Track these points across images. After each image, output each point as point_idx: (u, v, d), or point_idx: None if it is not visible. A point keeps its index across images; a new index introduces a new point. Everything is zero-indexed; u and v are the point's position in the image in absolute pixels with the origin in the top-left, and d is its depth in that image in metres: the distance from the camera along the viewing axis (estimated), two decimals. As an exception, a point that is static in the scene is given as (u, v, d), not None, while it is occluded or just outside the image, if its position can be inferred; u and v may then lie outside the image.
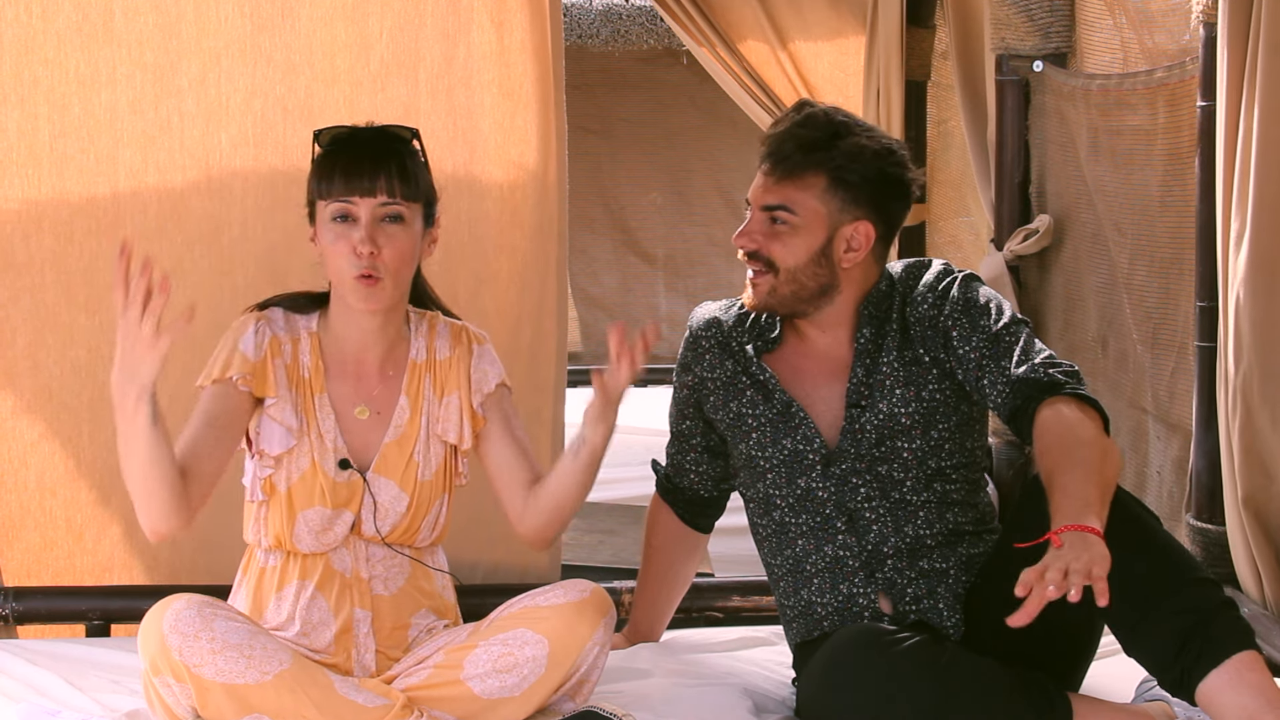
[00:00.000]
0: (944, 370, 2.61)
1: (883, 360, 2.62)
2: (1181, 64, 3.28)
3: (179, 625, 2.38)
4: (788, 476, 2.66)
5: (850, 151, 2.58)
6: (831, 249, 2.60)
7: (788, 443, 2.65)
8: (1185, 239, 3.22)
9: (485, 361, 2.72)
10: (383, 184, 2.56)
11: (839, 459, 2.62)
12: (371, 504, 2.63)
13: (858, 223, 2.60)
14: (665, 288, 8.36)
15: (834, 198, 2.58)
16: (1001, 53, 4.09)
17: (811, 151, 2.58)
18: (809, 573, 2.66)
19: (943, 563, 2.61)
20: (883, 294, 2.66)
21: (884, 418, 2.60)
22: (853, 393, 2.63)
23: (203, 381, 2.61)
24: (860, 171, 2.58)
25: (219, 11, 3.11)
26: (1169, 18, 3.45)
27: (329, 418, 2.63)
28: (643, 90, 8.10)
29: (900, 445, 2.61)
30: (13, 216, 3.13)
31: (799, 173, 2.59)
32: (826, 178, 2.58)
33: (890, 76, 5.43)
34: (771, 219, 2.60)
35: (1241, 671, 2.29)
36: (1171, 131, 3.34)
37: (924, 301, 2.63)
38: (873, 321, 2.64)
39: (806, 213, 2.59)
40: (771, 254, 2.60)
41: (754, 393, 2.69)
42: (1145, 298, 3.50)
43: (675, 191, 8.30)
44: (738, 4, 5.45)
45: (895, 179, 2.62)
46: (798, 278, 2.60)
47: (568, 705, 2.55)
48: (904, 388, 2.61)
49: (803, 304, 2.64)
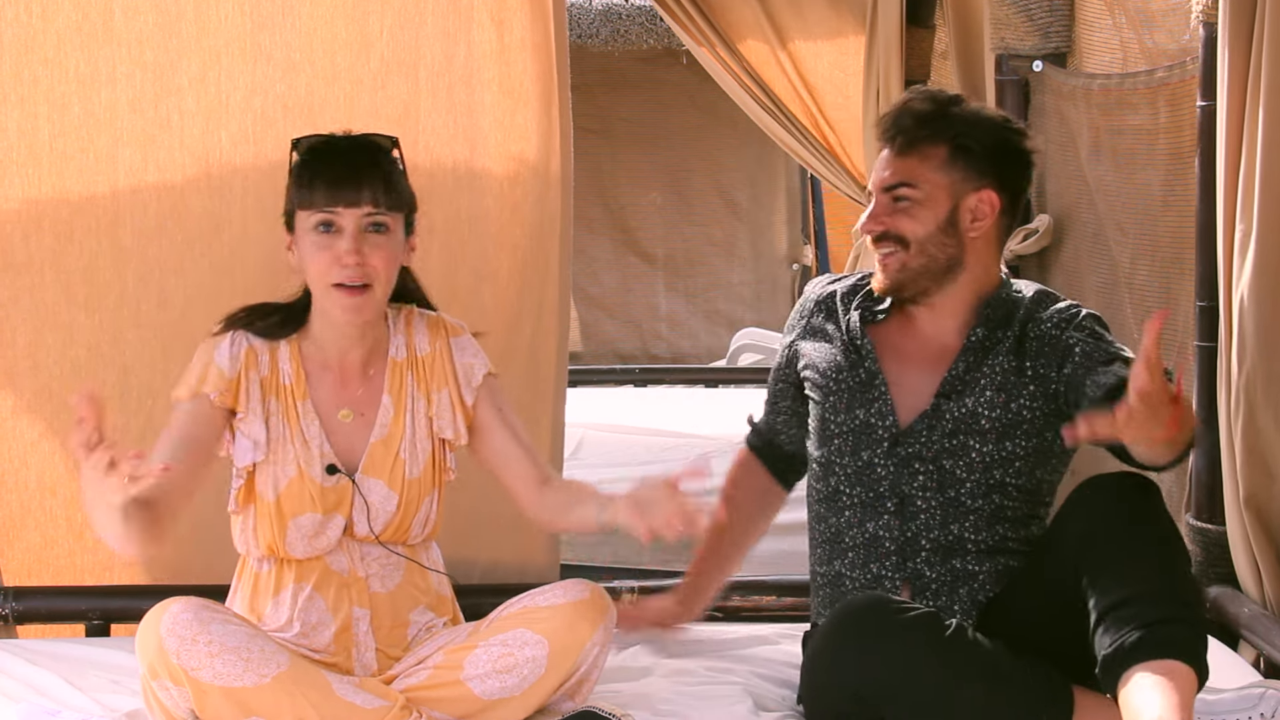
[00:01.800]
0: (1044, 391, 2.58)
1: (988, 362, 2.61)
2: (1182, 64, 3.28)
3: (176, 629, 2.37)
4: (853, 446, 2.66)
5: (968, 118, 2.59)
6: (958, 218, 2.59)
7: (860, 413, 2.65)
8: (1186, 239, 3.22)
9: (467, 354, 2.72)
10: (368, 194, 2.55)
11: (907, 441, 2.61)
12: (363, 505, 2.63)
13: (982, 190, 2.59)
14: (665, 288, 8.36)
15: (956, 167, 2.59)
16: (1001, 53, 4.09)
17: (929, 122, 2.59)
18: (846, 545, 2.67)
19: (975, 566, 2.60)
20: (1006, 301, 2.65)
21: (965, 412, 2.59)
22: (947, 384, 2.61)
23: (180, 394, 2.61)
24: (980, 138, 2.59)
25: (219, 10, 3.11)
26: (1169, 17, 3.45)
27: (314, 423, 2.63)
28: (643, 90, 8.10)
29: (971, 444, 2.59)
30: (12, 216, 3.12)
31: (919, 145, 2.59)
32: (947, 147, 2.58)
33: (890, 76, 5.42)
34: (894, 199, 2.60)
35: (1169, 673, 2.27)
36: (1172, 131, 3.34)
37: (1049, 322, 2.61)
38: (990, 323, 2.63)
39: (929, 184, 2.59)
40: (900, 229, 2.60)
41: (844, 356, 2.69)
42: (1146, 298, 3.50)
43: (675, 191, 8.30)
44: (738, 4, 5.45)
45: (1016, 147, 2.63)
46: (927, 249, 2.59)
47: (567, 705, 2.55)
48: (995, 391, 2.59)
49: (931, 279, 2.62)
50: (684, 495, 2.40)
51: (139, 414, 3.16)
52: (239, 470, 2.62)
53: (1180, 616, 2.33)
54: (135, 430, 3.17)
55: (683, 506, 2.39)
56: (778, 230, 8.55)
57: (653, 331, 8.37)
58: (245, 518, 2.65)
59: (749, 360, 7.40)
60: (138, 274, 3.15)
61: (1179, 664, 2.28)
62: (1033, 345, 2.60)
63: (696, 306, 8.38)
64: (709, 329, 8.35)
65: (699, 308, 8.38)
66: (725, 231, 8.43)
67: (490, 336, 3.19)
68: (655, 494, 2.42)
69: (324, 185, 2.55)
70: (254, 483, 2.63)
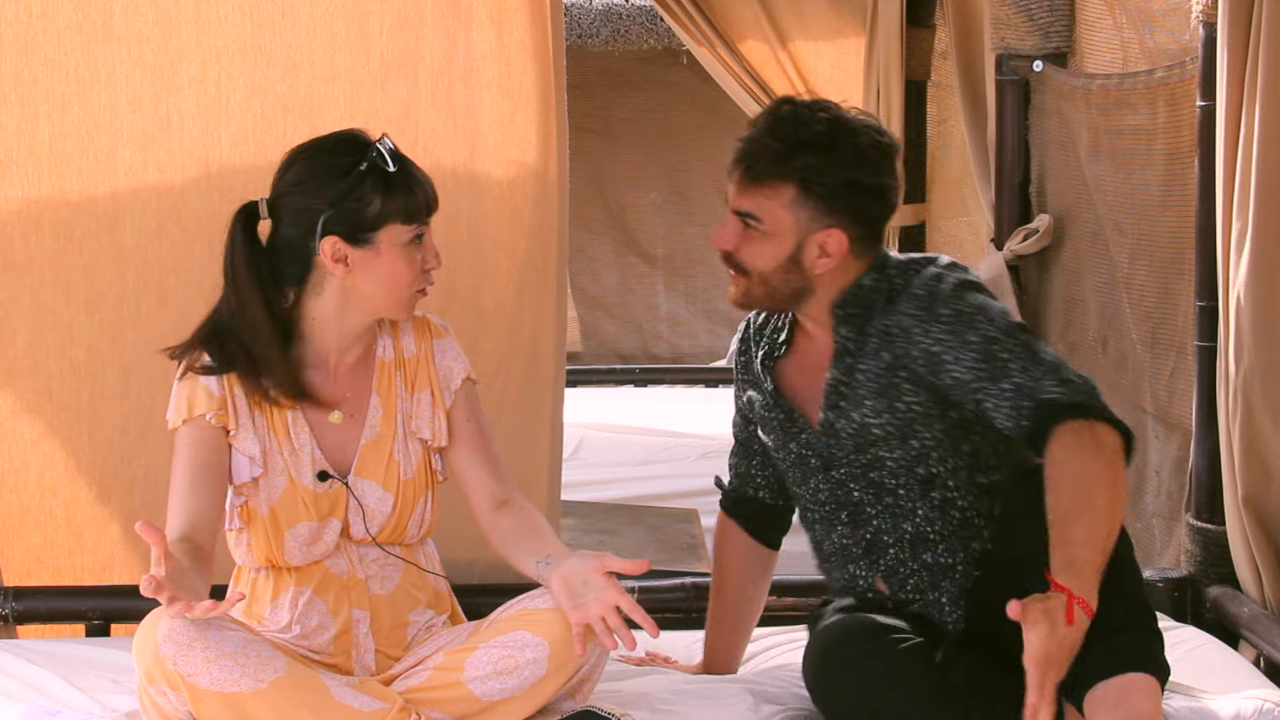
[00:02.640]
0: (923, 383, 2.53)
1: (861, 366, 2.57)
2: (1182, 64, 3.28)
3: (173, 635, 2.36)
4: (801, 476, 2.69)
5: (816, 164, 2.51)
6: (802, 255, 2.55)
7: (793, 447, 2.68)
8: (1185, 239, 3.22)
9: (449, 357, 2.72)
10: (436, 201, 2.60)
11: (836, 464, 2.63)
12: (359, 508, 2.63)
13: (829, 230, 2.54)
14: (665, 287, 8.36)
15: (803, 207, 2.53)
16: (1001, 52, 4.09)
17: (777, 163, 2.52)
18: (825, 552, 2.72)
19: (949, 558, 2.59)
20: (865, 290, 2.58)
21: (857, 427, 2.58)
22: (829, 393, 2.60)
23: (174, 423, 2.59)
24: (829, 178, 2.51)
25: (219, 10, 3.11)
26: (1169, 17, 3.45)
27: (303, 431, 2.62)
28: (643, 90, 8.10)
29: (882, 455, 2.59)
30: (12, 216, 3.12)
31: (766, 181, 2.53)
32: (795, 187, 2.52)
33: (890, 76, 5.43)
34: (744, 223, 2.57)
35: (1129, 691, 2.26)
36: (1171, 131, 3.34)
37: (907, 312, 2.53)
38: (851, 321, 2.58)
39: (774, 221, 2.54)
40: (742, 258, 2.58)
41: (763, 398, 2.71)
42: (1145, 297, 3.50)
43: (675, 191, 8.30)
44: (738, 4, 5.46)
45: (868, 187, 2.55)
46: (769, 281, 2.57)
47: (568, 704, 2.55)
48: (876, 398, 2.55)
49: (780, 304, 2.62)
50: (618, 589, 2.39)
51: (139, 414, 3.16)
52: (238, 488, 2.61)
53: (1129, 623, 2.31)
54: (135, 430, 3.17)
55: (614, 603, 2.37)
56: (777, 230, 8.54)
57: (653, 331, 8.37)
58: (241, 533, 2.65)
59: (749, 360, 7.39)
60: (138, 274, 3.15)
61: (1139, 675, 2.27)
62: (900, 341, 2.53)
63: (696, 306, 8.38)
64: (709, 329, 8.35)
65: (699, 308, 8.38)
66: (725, 231, 8.42)
67: (490, 337, 3.21)
68: (589, 579, 2.41)
69: (423, 195, 2.56)
70: (248, 498, 2.63)
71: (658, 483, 4.90)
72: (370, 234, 2.54)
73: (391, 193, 2.53)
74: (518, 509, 2.67)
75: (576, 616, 2.42)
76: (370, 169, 2.52)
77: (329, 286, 2.58)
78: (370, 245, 2.54)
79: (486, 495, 2.68)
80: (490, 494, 2.68)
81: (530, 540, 2.59)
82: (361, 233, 2.53)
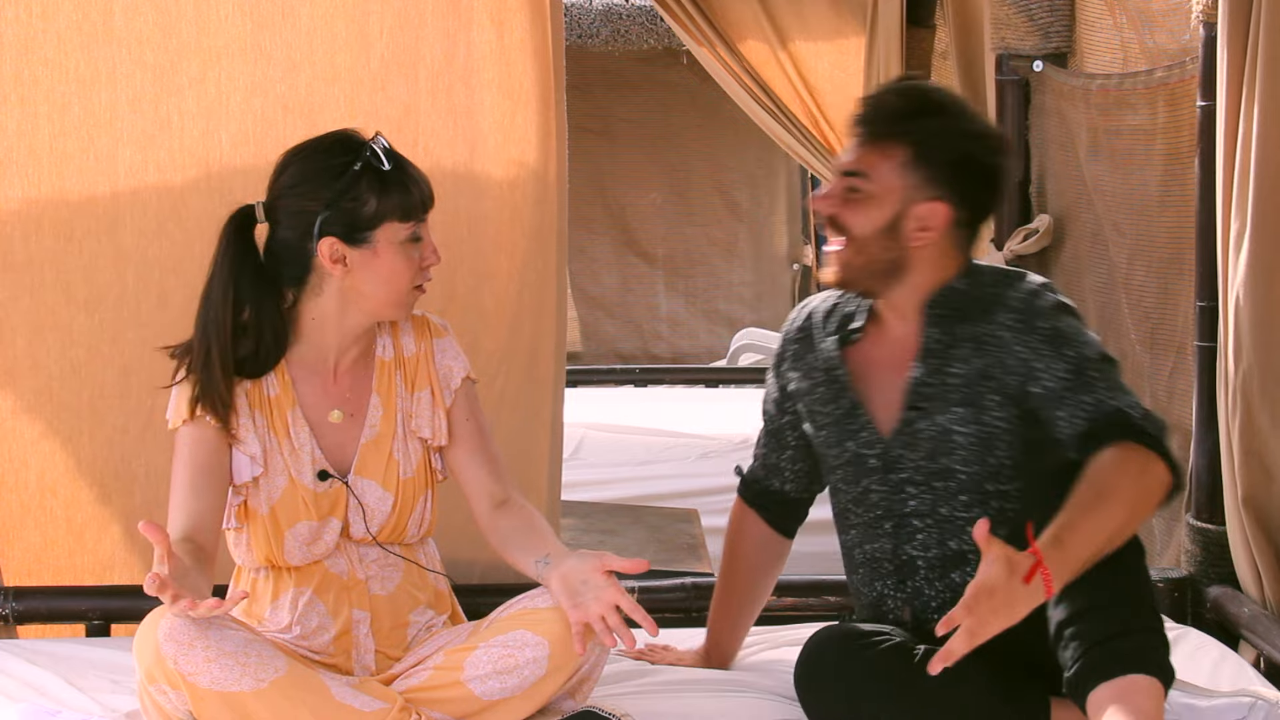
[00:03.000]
0: (1011, 396, 2.51)
1: (951, 369, 2.54)
2: (1182, 64, 3.28)
3: (174, 634, 2.36)
4: (854, 475, 2.64)
5: (935, 130, 2.51)
6: (902, 225, 2.52)
7: (850, 444, 2.63)
8: (1185, 239, 3.22)
9: (448, 356, 2.72)
10: (432, 199, 2.60)
11: (897, 467, 2.58)
12: (359, 507, 2.63)
13: (934, 203, 2.52)
14: (665, 287, 8.37)
15: (913, 172, 2.51)
16: (1001, 52, 4.09)
17: (897, 121, 2.52)
18: (857, 560, 2.68)
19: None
20: (956, 293, 2.56)
21: (939, 431, 2.54)
22: (912, 392, 2.57)
23: (174, 423, 2.60)
24: (944, 149, 2.51)
25: (219, 10, 3.11)
26: (1169, 17, 3.45)
27: (303, 430, 2.62)
28: (643, 90, 8.11)
29: (955, 468, 2.55)
30: (12, 216, 3.12)
31: (882, 140, 2.52)
32: (910, 150, 2.51)
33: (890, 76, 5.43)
34: (849, 186, 2.54)
35: (1131, 692, 2.25)
36: (1171, 131, 3.34)
37: (1005, 325, 2.52)
38: (941, 322, 2.56)
39: (881, 182, 2.52)
40: (844, 220, 2.54)
41: (825, 389, 2.66)
42: (1144, 298, 3.50)
43: (675, 191, 8.31)
44: (738, 4, 5.45)
45: (983, 165, 2.54)
46: (866, 249, 2.53)
47: (567, 704, 2.55)
48: (964, 406, 2.53)
49: (873, 279, 2.56)
50: (617, 588, 2.40)
51: (139, 414, 3.16)
52: (237, 487, 2.62)
53: (1135, 626, 2.30)
54: (135, 430, 3.17)
55: (614, 602, 2.38)
56: (778, 230, 8.56)
57: (653, 331, 8.37)
58: (240, 532, 2.65)
59: (749, 360, 7.41)
60: (138, 274, 3.15)
61: (1141, 677, 2.26)
62: (994, 350, 2.52)
63: (696, 306, 8.39)
64: (709, 329, 8.36)
65: (699, 308, 8.39)
66: (725, 231, 8.44)
67: (490, 337, 3.21)
68: (588, 578, 2.42)
69: (418, 193, 2.56)
70: (248, 497, 2.63)
71: (658, 483, 4.90)
72: (367, 233, 2.54)
73: (387, 191, 2.53)
74: (517, 509, 2.67)
75: (576, 616, 2.42)
76: (365, 168, 2.53)
77: (328, 287, 2.58)
78: (368, 245, 2.54)
79: (486, 495, 2.68)
80: (489, 494, 2.68)
81: (529, 540, 2.60)
82: (359, 232, 2.54)
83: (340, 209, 2.53)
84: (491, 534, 2.67)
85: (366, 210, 2.53)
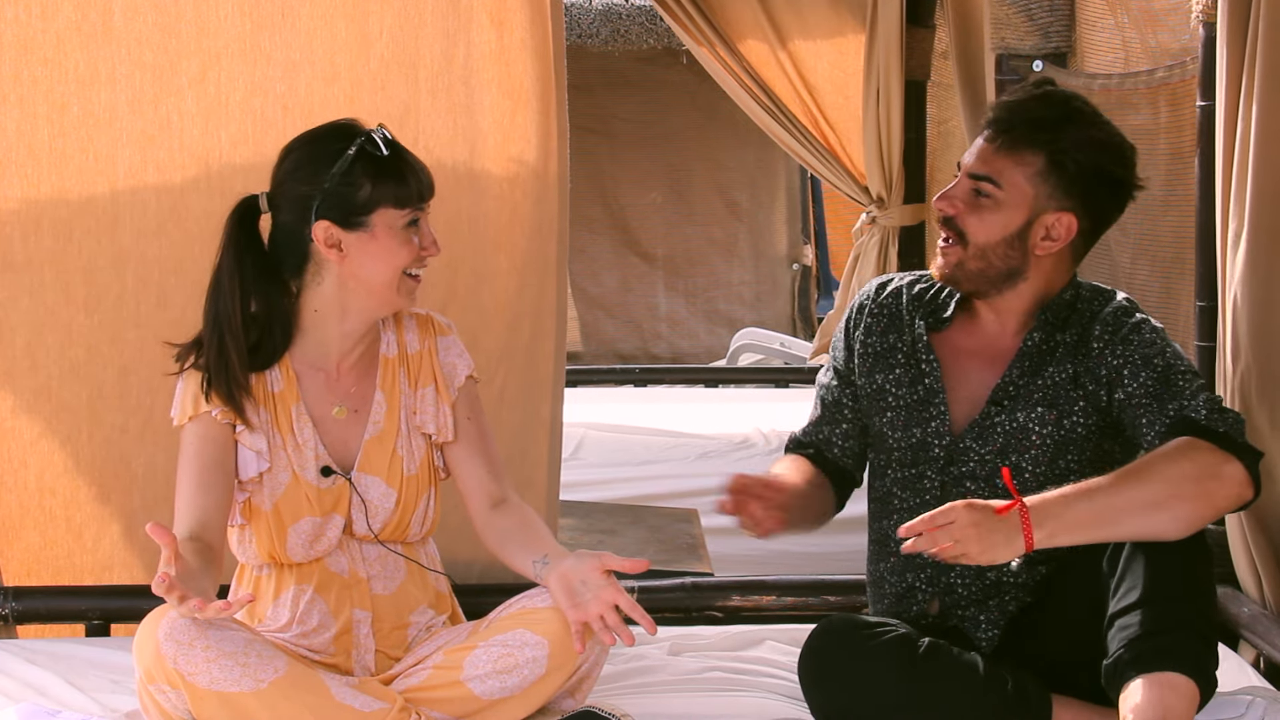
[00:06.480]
0: (1095, 406, 2.51)
1: (1044, 371, 2.54)
2: (1183, 63, 3.28)
3: (174, 634, 2.36)
4: (911, 459, 2.62)
5: (1077, 138, 2.49)
6: (1029, 233, 2.51)
7: (917, 431, 2.60)
8: (1187, 239, 3.22)
9: (452, 354, 2.72)
10: (431, 185, 2.61)
11: (961, 459, 2.57)
12: (362, 503, 2.63)
13: (1062, 213, 2.51)
14: (665, 287, 8.37)
15: (1045, 182, 2.50)
16: (1001, 52, 4.09)
17: (1035, 130, 2.50)
18: (891, 549, 2.62)
19: (1011, 578, 2.55)
20: (1065, 304, 2.57)
21: (1015, 427, 2.53)
22: (1000, 391, 2.56)
23: (179, 420, 2.60)
24: (1081, 161, 2.49)
25: (218, 10, 3.11)
26: (1170, 17, 3.45)
27: (306, 426, 2.62)
28: (643, 90, 8.12)
29: (1024, 466, 2.54)
30: (12, 216, 3.12)
31: (1019, 147, 2.50)
32: (1045, 159, 2.49)
33: (890, 76, 5.44)
34: (976, 190, 2.52)
35: (1163, 689, 2.23)
36: (1173, 131, 3.34)
37: (1100, 336, 2.52)
38: (1047, 328, 2.56)
39: (1013, 190, 2.50)
40: (965, 225, 2.52)
41: (904, 371, 2.63)
42: (1146, 297, 3.50)
43: (675, 191, 8.31)
44: (737, 4, 5.46)
45: (1115, 178, 2.53)
46: (987, 255, 2.52)
47: (567, 703, 2.55)
48: (1047, 407, 2.52)
49: (987, 284, 2.55)
50: (616, 587, 2.40)
51: (138, 413, 3.16)
52: (243, 483, 2.61)
53: (1188, 625, 2.28)
54: (134, 430, 3.17)
55: (613, 601, 2.39)
56: (778, 230, 8.56)
57: (653, 331, 8.38)
58: (243, 529, 2.65)
59: (749, 360, 7.40)
60: (138, 274, 3.15)
61: (1179, 676, 2.24)
62: (1084, 358, 2.52)
63: (696, 306, 8.39)
64: (709, 329, 8.36)
65: (699, 308, 8.39)
66: (725, 231, 8.44)
67: (489, 336, 3.21)
68: (587, 578, 2.42)
69: (415, 181, 2.56)
70: (251, 494, 2.63)
71: (658, 483, 4.89)
72: (362, 217, 2.55)
73: (382, 177, 2.54)
74: (514, 508, 2.68)
75: (575, 615, 2.42)
76: (360, 153, 2.54)
77: (327, 276, 2.59)
78: (365, 229, 2.55)
79: (484, 494, 2.68)
80: (488, 493, 2.68)
81: (527, 540, 2.60)
82: (353, 216, 2.55)
83: (335, 193, 2.54)
84: (487, 533, 2.67)
85: (361, 195, 2.54)
